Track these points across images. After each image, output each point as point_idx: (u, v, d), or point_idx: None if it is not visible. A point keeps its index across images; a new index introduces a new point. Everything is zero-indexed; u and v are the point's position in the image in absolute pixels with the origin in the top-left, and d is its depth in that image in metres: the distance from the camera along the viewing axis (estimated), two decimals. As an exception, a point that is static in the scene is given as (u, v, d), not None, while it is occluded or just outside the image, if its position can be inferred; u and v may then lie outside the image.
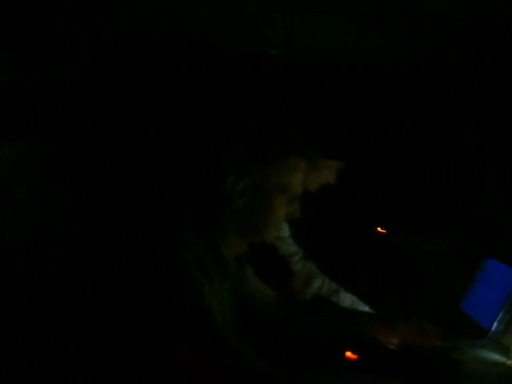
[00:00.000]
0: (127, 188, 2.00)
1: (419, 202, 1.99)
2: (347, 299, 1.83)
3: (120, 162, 2.06)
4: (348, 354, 1.50)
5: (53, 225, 1.96)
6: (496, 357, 1.53)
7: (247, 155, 1.22)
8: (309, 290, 1.86)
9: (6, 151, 1.88)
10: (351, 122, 1.94)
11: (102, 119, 2.09)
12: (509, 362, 1.49)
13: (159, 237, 1.22)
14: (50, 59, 1.99)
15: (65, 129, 2.01)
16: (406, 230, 1.97)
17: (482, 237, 1.79)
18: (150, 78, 2.14)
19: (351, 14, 1.84)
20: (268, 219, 1.24)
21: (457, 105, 1.88)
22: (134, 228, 1.33)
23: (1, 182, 1.87)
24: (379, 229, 1.98)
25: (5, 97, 1.89)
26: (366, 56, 1.99)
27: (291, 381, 1.05)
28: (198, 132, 1.92)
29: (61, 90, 1.99)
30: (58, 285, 1.82)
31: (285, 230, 1.92)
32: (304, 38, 2.00)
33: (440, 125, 1.93)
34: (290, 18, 1.89)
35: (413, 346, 1.45)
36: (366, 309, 1.81)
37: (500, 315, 1.65)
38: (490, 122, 1.79)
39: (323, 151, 1.77)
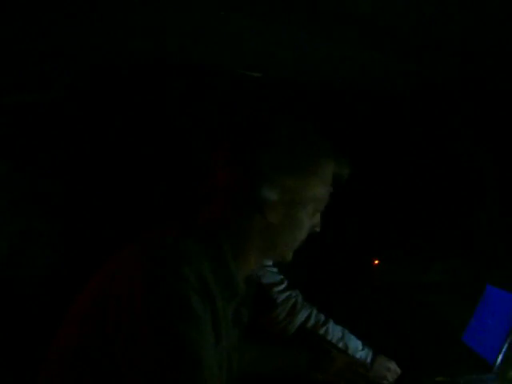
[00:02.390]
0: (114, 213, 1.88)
1: (416, 233, 1.88)
2: (337, 332, 1.67)
3: (106, 187, 1.94)
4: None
5: (29, 256, 1.86)
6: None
7: (281, 163, 1.04)
8: (294, 321, 1.69)
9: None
10: (343, 147, 1.86)
11: (82, 144, 1.99)
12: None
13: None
14: (30, 85, 1.92)
15: (41, 156, 1.92)
16: (402, 261, 1.85)
17: (482, 265, 1.68)
18: (134, 103, 2.06)
19: (338, 34, 1.81)
20: (297, 233, 1.09)
21: (455, 131, 1.82)
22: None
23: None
24: (376, 261, 1.86)
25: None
26: (355, 79, 1.93)
27: None
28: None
29: (40, 116, 1.90)
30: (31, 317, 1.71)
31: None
32: (288, 59, 1.96)
33: (438, 152, 1.85)
34: (273, 39, 1.86)
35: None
36: (358, 342, 1.65)
37: (505, 347, 1.51)
38: (491, 147, 1.73)
39: None
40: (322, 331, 1.67)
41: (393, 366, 1.58)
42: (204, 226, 1.06)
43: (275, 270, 1.77)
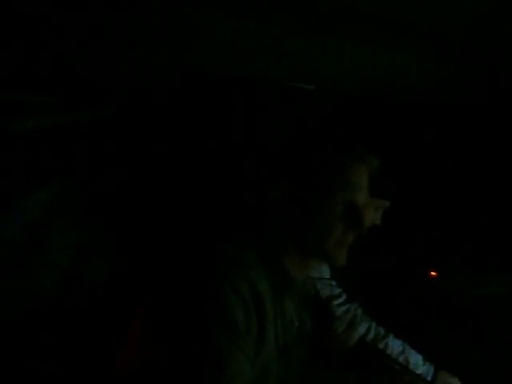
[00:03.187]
0: (168, 232, 1.93)
1: (476, 244, 1.85)
2: (397, 346, 1.68)
3: (159, 205, 1.99)
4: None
5: (88, 271, 1.90)
6: None
7: (283, 156, 1.16)
8: (353, 335, 1.70)
9: (40, 196, 1.85)
10: (396, 158, 1.84)
11: (138, 161, 2.04)
12: None
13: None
14: (86, 104, 1.97)
15: (100, 172, 1.98)
16: (460, 273, 1.83)
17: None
18: (186, 119, 2.09)
19: (392, 45, 1.79)
20: (321, 227, 1.13)
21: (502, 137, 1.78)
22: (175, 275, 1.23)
23: (36, 227, 1.82)
24: (433, 273, 1.84)
25: (39, 141, 1.87)
26: (407, 87, 1.91)
27: None
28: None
29: (95, 134, 1.96)
30: (91, 331, 1.75)
31: (326, 272, 1.79)
32: (340, 70, 1.95)
33: (500, 161, 1.82)
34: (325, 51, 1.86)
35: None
36: (419, 357, 1.66)
37: None
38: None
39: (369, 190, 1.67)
40: (381, 345, 1.68)
41: (456, 382, 1.57)
42: (254, 233, 1.18)
43: (333, 283, 1.79)
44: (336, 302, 1.76)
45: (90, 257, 1.91)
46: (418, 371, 1.61)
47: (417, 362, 1.65)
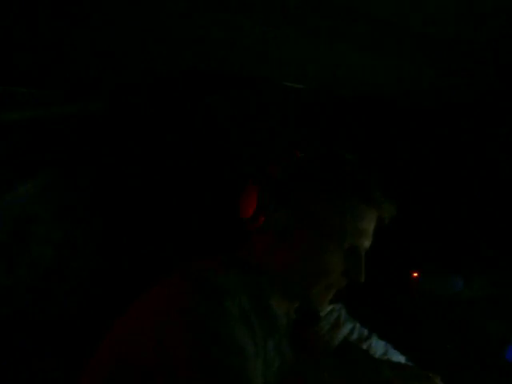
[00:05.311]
0: (156, 230, 1.90)
1: (456, 246, 1.88)
2: (380, 347, 1.70)
3: (149, 202, 1.96)
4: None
5: (71, 266, 1.87)
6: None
7: (290, 182, 1.07)
8: (337, 335, 1.72)
9: (24, 189, 1.81)
10: (381, 161, 1.86)
11: (124, 157, 2.01)
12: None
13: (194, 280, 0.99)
14: (73, 97, 1.93)
15: (86, 166, 1.94)
16: (442, 274, 1.86)
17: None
18: (173, 115, 2.06)
19: (380, 46, 1.80)
20: (321, 264, 1.07)
21: (491, 138, 1.81)
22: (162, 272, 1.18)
23: (19, 220, 1.78)
24: (415, 274, 1.87)
25: (25, 133, 1.82)
26: (395, 90, 1.92)
27: None
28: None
29: (83, 127, 1.92)
30: (70, 329, 1.72)
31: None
32: (329, 70, 1.95)
33: (478, 162, 1.85)
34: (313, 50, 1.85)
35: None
36: (401, 358, 1.68)
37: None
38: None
39: None
40: (365, 346, 1.70)
41: (437, 381, 1.60)
42: (243, 260, 1.10)
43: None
44: (321, 302, 1.76)
45: (73, 253, 1.88)
46: (401, 372, 1.64)
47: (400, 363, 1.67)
